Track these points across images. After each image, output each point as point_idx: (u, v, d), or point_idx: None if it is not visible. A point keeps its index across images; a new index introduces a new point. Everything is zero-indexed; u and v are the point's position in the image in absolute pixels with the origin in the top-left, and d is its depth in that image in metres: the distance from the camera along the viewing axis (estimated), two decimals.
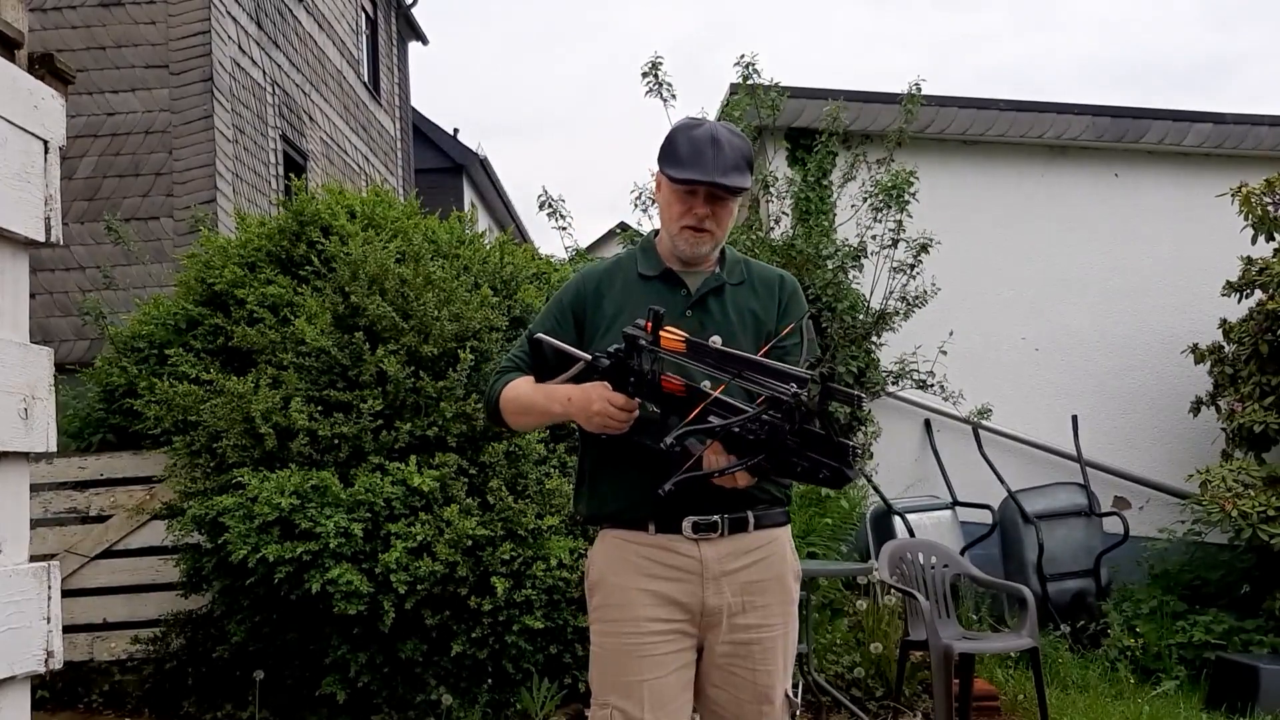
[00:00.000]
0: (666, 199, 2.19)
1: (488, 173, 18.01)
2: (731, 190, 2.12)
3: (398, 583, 4.05)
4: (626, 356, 1.98)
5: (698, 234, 2.15)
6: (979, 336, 6.61)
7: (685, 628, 2.12)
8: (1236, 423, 5.72)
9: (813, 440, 1.82)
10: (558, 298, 2.30)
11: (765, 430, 1.84)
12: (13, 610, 1.51)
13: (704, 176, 2.09)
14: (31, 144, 1.59)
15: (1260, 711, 4.70)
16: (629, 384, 1.99)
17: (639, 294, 2.19)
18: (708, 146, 2.10)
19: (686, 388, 1.96)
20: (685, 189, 2.13)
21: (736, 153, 2.12)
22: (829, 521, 5.49)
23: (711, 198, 2.13)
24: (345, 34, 12.35)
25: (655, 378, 1.96)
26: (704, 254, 2.19)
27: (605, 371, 2.02)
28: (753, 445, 1.87)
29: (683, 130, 2.16)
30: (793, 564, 2.23)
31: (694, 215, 2.14)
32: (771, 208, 6.57)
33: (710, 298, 2.19)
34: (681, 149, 2.12)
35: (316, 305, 4.55)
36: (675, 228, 2.17)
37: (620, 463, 2.13)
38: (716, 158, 2.09)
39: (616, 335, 2.07)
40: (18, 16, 3.01)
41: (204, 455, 4.48)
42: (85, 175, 8.46)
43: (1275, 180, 5.84)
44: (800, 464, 1.83)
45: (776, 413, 1.83)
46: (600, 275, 2.28)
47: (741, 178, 2.12)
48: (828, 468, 1.81)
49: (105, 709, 4.86)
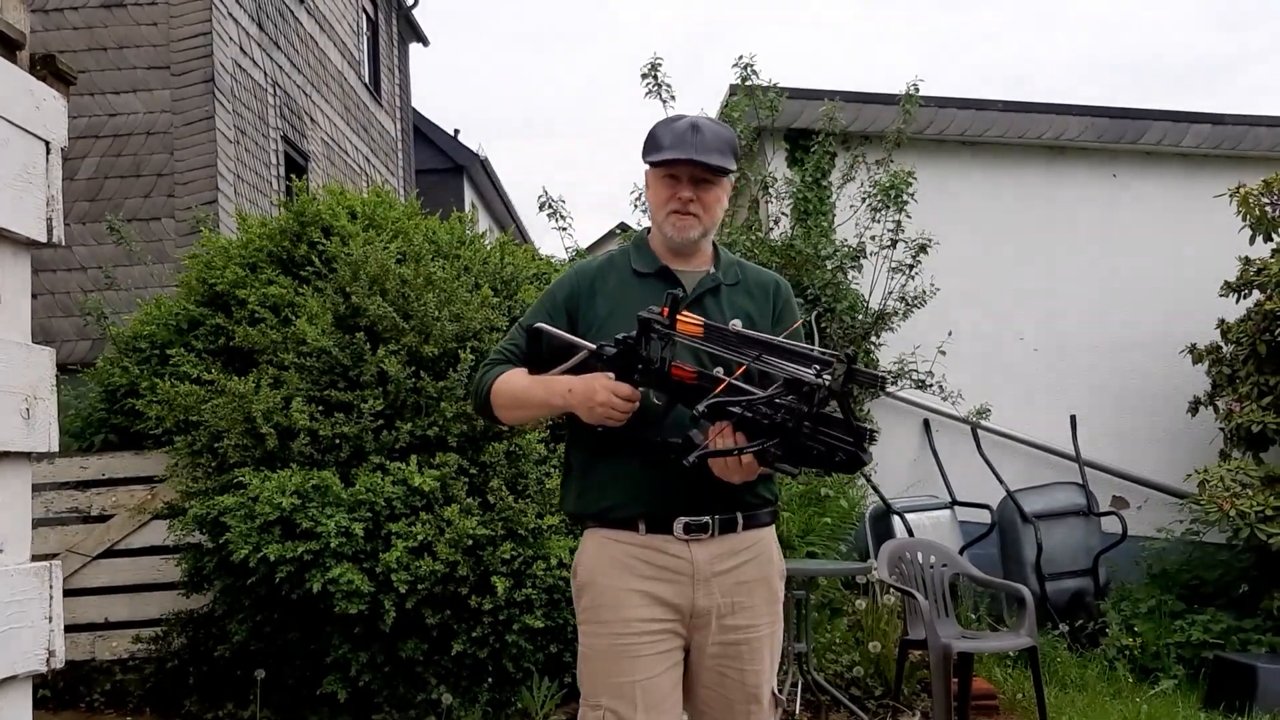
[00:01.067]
0: (654, 189, 2.21)
1: (488, 173, 18.01)
2: (714, 170, 2.13)
3: (398, 582, 4.06)
4: (636, 343, 1.94)
5: (683, 217, 2.16)
6: (978, 336, 6.61)
7: (675, 628, 2.12)
8: (1234, 423, 5.72)
9: (831, 423, 1.79)
10: (550, 292, 2.29)
11: (782, 413, 1.80)
12: (14, 610, 1.52)
13: (683, 154, 2.11)
14: (33, 145, 1.60)
15: (1258, 711, 4.70)
16: (636, 372, 1.96)
17: (635, 291, 2.18)
18: (688, 132, 2.13)
19: (699, 374, 1.93)
20: (668, 172, 2.16)
21: (718, 138, 2.15)
22: (828, 521, 5.49)
23: (696, 181, 2.15)
24: (346, 35, 12.36)
25: (666, 365, 1.93)
26: (692, 239, 2.19)
27: (609, 361, 1.99)
28: (767, 429, 1.83)
29: (663, 123, 2.19)
30: (778, 564, 2.23)
31: (678, 199, 2.16)
32: (771, 208, 6.58)
33: (707, 297, 2.19)
34: (663, 138, 2.16)
35: (317, 305, 4.57)
36: (662, 214, 2.19)
37: (614, 457, 2.12)
38: (697, 140, 2.12)
39: (609, 332, 2.06)
40: (19, 17, 3.03)
41: (205, 455, 4.49)
42: (87, 176, 8.47)
43: (1273, 181, 5.85)
44: (816, 447, 1.80)
45: (797, 396, 1.79)
46: (595, 272, 2.27)
47: (724, 159, 2.14)
48: (844, 450, 1.78)
49: (107, 708, 4.87)
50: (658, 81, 6.38)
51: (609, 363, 1.99)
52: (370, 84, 13.32)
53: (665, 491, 2.09)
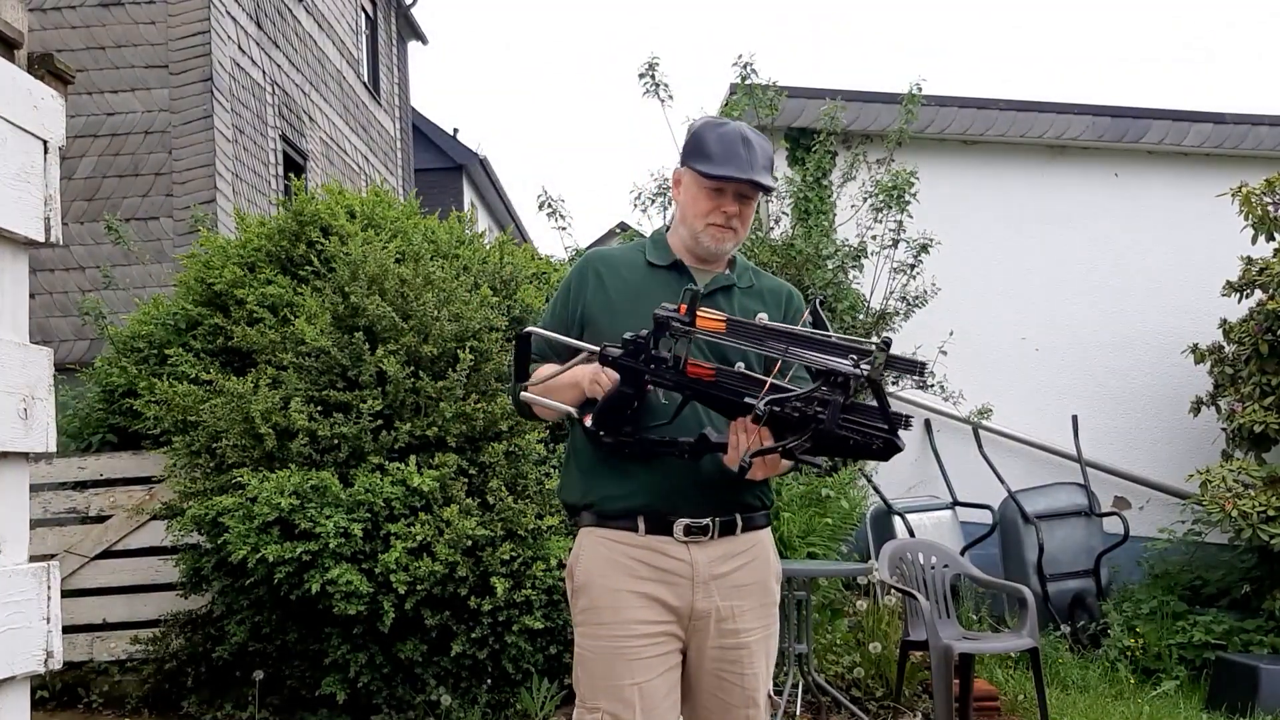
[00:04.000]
0: (693, 195, 2.16)
1: (487, 172, 18.01)
2: (765, 189, 2.12)
3: (397, 583, 4.05)
4: (647, 342, 1.88)
5: (724, 230, 2.14)
6: (979, 336, 6.61)
7: (674, 630, 2.10)
8: (1237, 423, 5.72)
9: (864, 411, 1.77)
10: (563, 286, 2.26)
11: (814, 406, 1.76)
12: (12, 610, 1.50)
13: (740, 174, 2.08)
14: (31, 144, 1.59)
15: (1260, 712, 4.70)
16: (646, 373, 1.89)
17: (650, 281, 2.17)
18: (739, 145, 2.09)
19: (718, 371, 1.87)
20: (715, 186, 2.12)
21: (764, 154, 2.13)
22: (829, 522, 5.47)
23: (740, 196, 2.13)
24: (345, 34, 12.35)
25: (681, 363, 1.87)
26: (727, 251, 2.19)
27: (615, 363, 1.92)
28: (798, 423, 1.79)
29: (711, 128, 2.14)
30: (775, 566, 2.22)
31: (722, 213, 2.13)
32: (771, 208, 6.57)
33: (719, 294, 2.18)
34: (712, 146, 2.11)
35: (316, 305, 4.55)
36: (701, 224, 2.15)
37: (620, 450, 2.07)
38: (749, 156, 2.09)
39: (623, 319, 2.04)
40: (17, 17, 3.01)
41: (204, 455, 4.48)
42: (85, 175, 8.46)
43: (1275, 180, 5.84)
44: (853, 437, 1.77)
45: (831, 387, 1.75)
46: (606, 257, 2.27)
47: (769, 177, 2.13)
48: (880, 438, 1.76)
49: (105, 709, 4.86)
50: (655, 81, 6.38)
51: (615, 364, 1.93)
52: (369, 83, 13.31)
53: (667, 488, 2.07)
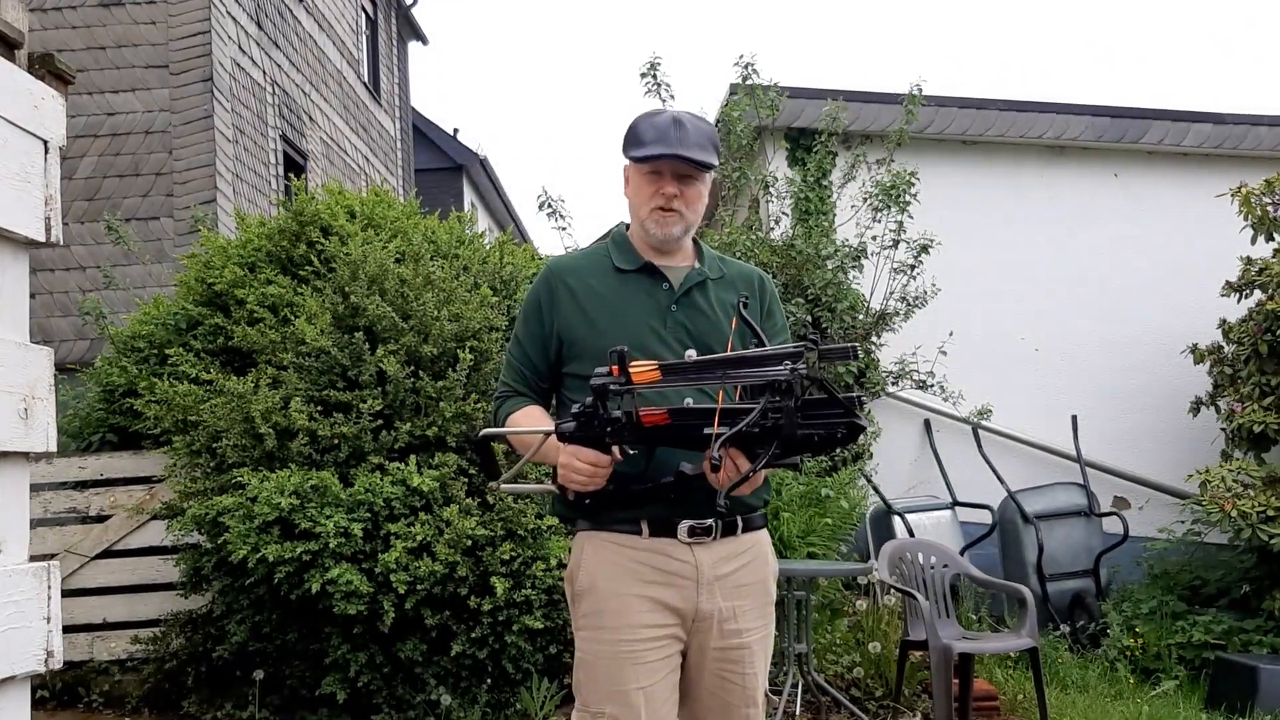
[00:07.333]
0: (636, 186, 2.17)
1: (487, 172, 18.01)
2: (698, 165, 2.10)
3: (397, 583, 4.05)
4: (594, 409, 1.90)
5: (666, 214, 2.14)
6: (979, 336, 6.61)
7: (676, 632, 2.10)
8: (1236, 423, 5.72)
9: (818, 405, 1.80)
10: (525, 312, 2.24)
11: (771, 416, 1.80)
12: (12, 610, 1.51)
13: (668, 150, 2.08)
14: (31, 144, 1.59)
15: (1259, 711, 4.70)
16: (606, 434, 1.92)
17: (623, 290, 2.16)
18: (671, 127, 2.10)
19: (671, 413, 1.90)
20: (651, 169, 2.13)
21: (700, 132, 2.12)
22: (829, 521, 5.47)
23: (679, 177, 2.13)
24: (345, 34, 12.35)
25: (634, 418, 1.89)
26: (675, 236, 2.16)
27: (572, 437, 1.95)
28: (763, 436, 1.83)
29: (644, 117, 2.16)
30: (773, 565, 2.23)
31: (662, 195, 2.13)
32: (771, 208, 6.58)
33: (695, 291, 2.18)
34: (645, 133, 2.12)
35: (316, 305, 4.55)
36: (645, 210, 2.15)
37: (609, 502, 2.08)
38: (680, 135, 2.09)
39: (607, 334, 2.05)
40: (18, 17, 3.02)
41: (204, 455, 4.48)
42: (85, 175, 8.46)
43: (1275, 180, 5.85)
44: (815, 433, 1.80)
45: (780, 396, 1.79)
46: (568, 269, 2.24)
47: (706, 154, 2.11)
48: (841, 426, 1.79)
49: (105, 709, 4.86)
50: (656, 81, 6.38)
51: (572, 439, 1.95)
52: (369, 83, 13.31)
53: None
